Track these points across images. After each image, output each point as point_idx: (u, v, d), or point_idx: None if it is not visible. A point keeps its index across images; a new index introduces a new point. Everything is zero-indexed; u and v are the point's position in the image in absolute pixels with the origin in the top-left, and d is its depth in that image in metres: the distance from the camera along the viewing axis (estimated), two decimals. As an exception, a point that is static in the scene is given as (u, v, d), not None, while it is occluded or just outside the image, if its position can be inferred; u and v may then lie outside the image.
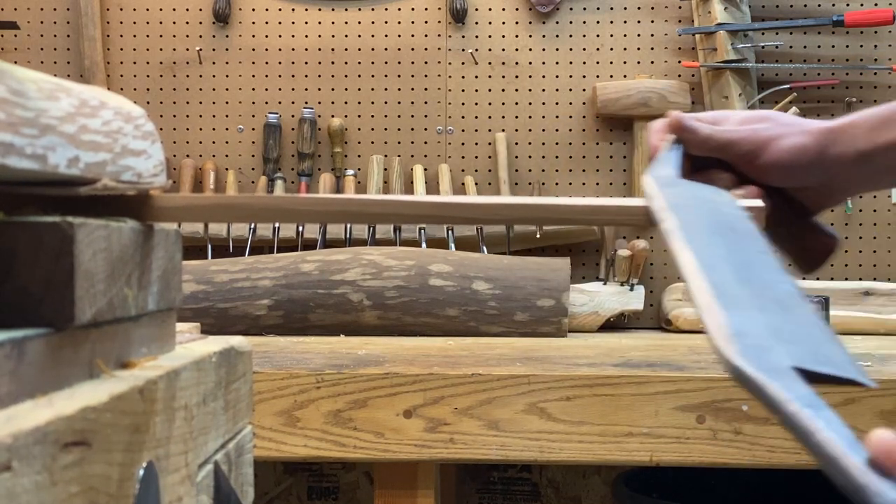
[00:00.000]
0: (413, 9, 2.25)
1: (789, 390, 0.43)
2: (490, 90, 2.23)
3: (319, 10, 2.26)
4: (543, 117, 2.24)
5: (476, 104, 2.24)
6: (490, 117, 2.24)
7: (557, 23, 2.24)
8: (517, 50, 2.24)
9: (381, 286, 1.84)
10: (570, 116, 2.24)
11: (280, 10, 2.26)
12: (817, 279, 2.15)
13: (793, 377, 0.44)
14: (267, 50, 2.26)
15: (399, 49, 2.25)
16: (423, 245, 2.06)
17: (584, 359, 1.49)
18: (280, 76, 2.26)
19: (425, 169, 2.22)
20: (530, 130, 2.24)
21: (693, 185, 0.78)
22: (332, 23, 2.26)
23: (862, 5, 2.21)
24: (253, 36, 2.26)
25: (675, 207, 0.65)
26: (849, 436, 0.42)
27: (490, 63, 2.24)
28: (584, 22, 2.24)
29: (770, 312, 0.51)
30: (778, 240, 0.96)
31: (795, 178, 0.94)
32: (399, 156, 2.23)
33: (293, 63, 2.26)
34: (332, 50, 2.26)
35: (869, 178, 0.95)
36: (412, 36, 2.25)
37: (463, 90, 2.24)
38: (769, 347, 0.46)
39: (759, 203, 0.75)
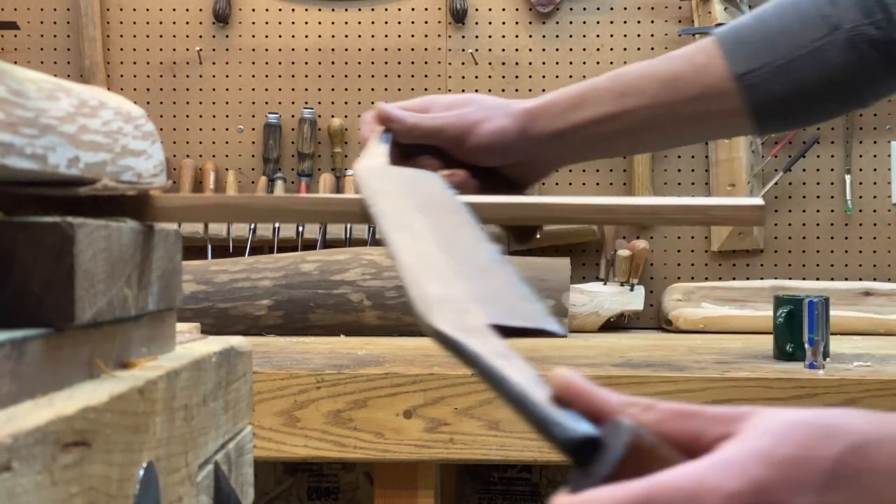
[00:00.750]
0: (413, 9, 2.25)
1: (484, 345, 0.46)
2: (490, 90, 2.23)
3: (319, 10, 2.26)
4: (543, 117, 2.23)
5: (476, 104, 2.24)
6: (490, 117, 2.24)
7: (557, 23, 2.24)
8: (517, 50, 2.24)
9: (381, 286, 1.84)
10: (570, 116, 2.23)
11: (280, 10, 2.26)
12: (817, 279, 2.16)
13: (488, 333, 0.47)
14: (267, 50, 2.26)
15: (399, 49, 2.25)
16: (423, 245, 2.06)
17: (584, 359, 1.49)
18: (280, 76, 2.26)
19: (425, 169, 2.22)
20: (530, 130, 2.23)
21: (402, 171, 0.81)
22: (332, 23, 2.26)
23: (862, 5, 2.21)
24: (253, 36, 2.26)
25: (384, 193, 0.68)
26: (536, 378, 0.45)
27: (490, 63, 2.24)
28: (584, 22, 2.24)
29: (471, 279, 0.54)
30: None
31: (499, 158, 1.00)
32: (399, 156, 2.23)
33: (293, 63, 2.26)
34: (332, 50, 2.26)
35: (566, 153, 1.03)
36: (412, 36, 2.25)
37: (463, 90, 2.24)
38: (468, 310, 0.49)
39: (758, 202, 0.75)
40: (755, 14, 1.03)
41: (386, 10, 2.25)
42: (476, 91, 2.23)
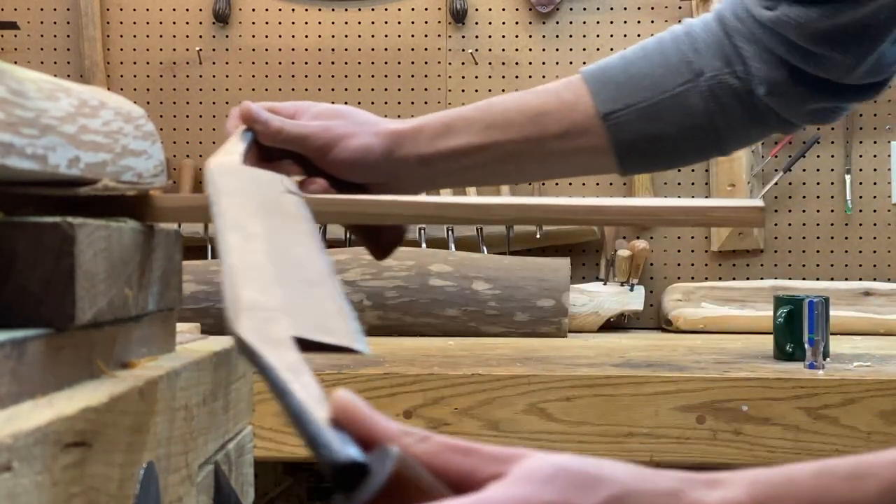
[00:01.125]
0: (413, 9, 2.25)
1: (278, 358, 0.45)
2: (490, 90, 2.23)
3: (319, 10, 2.26)
4: (543, 117, 2.23)
5: (476, 104, 2.23)
6: (490, 117, 2.24)
7: (557, 23, 2.24)
8: (517, 50, 2.24)
9: (381, 286, 1.84)
10: (570, 116, 2.23)
11: (280, 10, 2.26)
12: (817, 279, 2.16)
13: (288, 346, 0.47)
14: (267, 50, 2.26)
15: (399, 49, 2.25)
16: (423, 245, 2.06)
17: (584, 359, 1.49)
18: (280, 76, 2.26)
19: (425, 169, 2.22)
20: (530, 130, 2.23)
21: (254, 172, 0.79)
22: (332, 23, 2.26)
23: (862, 5, 2.21)
24: (253, 36, 2.26)
25: (228, 193, 0.66)
26: (320, 398, 0.45)
27: (490, 63, 2.24)
28: (584, 22, 2.24)
29: (290, 288, 0.53)
30: (352, 229, 1.03)
31: (361, 175, 0.98)
32: (399, 156, 2.23)
33: (293, 63, 2.26)
34: (332, 50, 2.26)
35: (430, 179, 1.02)
36: (412, 36, 2.25)
37: (463, 90, 2.24)
38: (275, 319, 0.49)
39: (758, 203, 0.75)
40: (622, 55, 1.04)
41: (386, 10, 2.25)
42: (476, 91, 2.23)
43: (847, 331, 1.91)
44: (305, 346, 0.48)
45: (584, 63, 2.24)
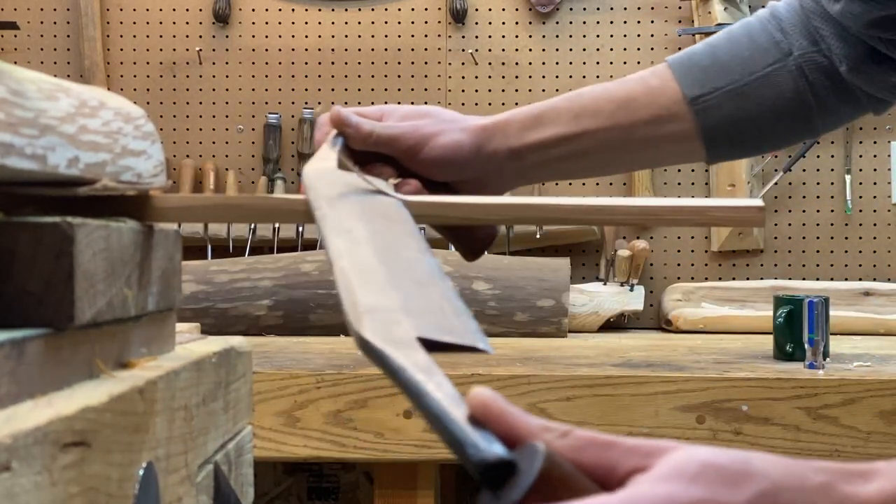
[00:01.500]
0: (413, 9, 2.25)
1: (407, 359, 0.45)
2: (490, 90, 2.23)
3: (319, 10, 2.26)
4: (543, 117, 2.23)
5: (476, 104, 2.24)
6: (490, 117, 2.24)
7: (557, 23, 2.24)
8: (517, 50, 2.24)
9: (381, 286, 1.84)
10: (570, 116, 2.23)
11: (280, 10, 2.26)
12: (817, 279, 2.16)
13: (415, 347, 0.47)
14: (267, 50, 2.26)
15: (399, 49, 2.25)
16: (423, 245, 2.05)
17: (584, 359, 1.49)
18: (280, 76, 2.26)
19: (425, 169, 2.22)
20: (530, 130, 2.23)
21: (350, 176, 0.80)
22: (332, 23, 2.26)
23: (862, 5, 2.21)
24: (253, 36, 2.26)
25: (328, 198, 0.67)
26: (456, 396, 0.44)
27: (490, 63, 2.24)
28: (584, 22, 2.24)
29: (405, 290, 0.53)
30: (443, 229, 1.01)
31: (453, 173, 0.98)
32: (399, 156, 2.23)
33: (293, 63, 2.26)
34: (332, 50, 2.26)
35: (520, 173, 1.02)
36: (412, 36, 2.25)
37: (463, 90, 2.24)
38: (397, 321, 0.49)
39: (758, 203, 0.75)
40: (707, 41, 1.04)
41: (386, 10, 2.25)
42: (476, 91, 2.23)
43: (847, 331, 1.91)
44: (428, 346, 0.47)
45: (584, 63, 2.25)
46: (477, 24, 2.24)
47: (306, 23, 2.26)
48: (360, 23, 2.25)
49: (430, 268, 0.58)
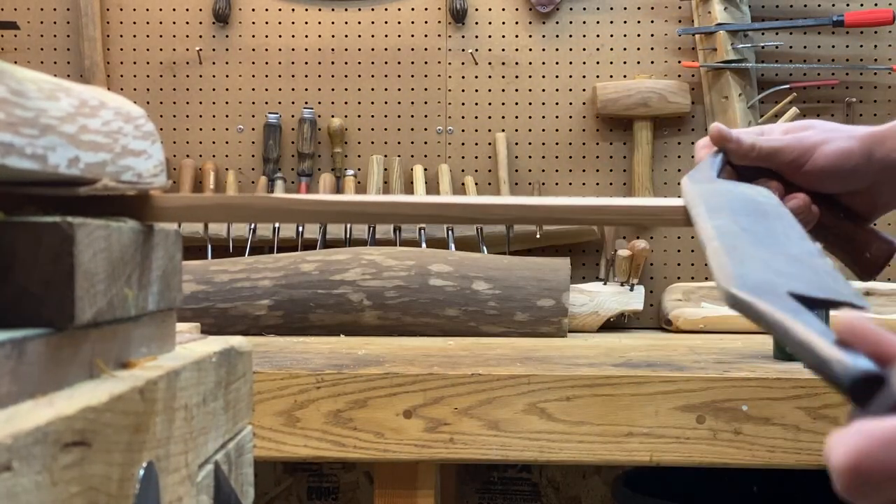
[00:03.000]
0: (413, 9, 2.25)
1: (777, 304, 0.47)
2: (490, 90, 2.23)
3: (319, 10, 2.26)
4: (543, 117, 2.24)
5: (476, 104, 2.24)
6: (490, 117, 2.24)
7: (557, 23, 2.24)
8: (517, 50, 2.24)
9: (381, 286, 1.84)
10: (570, 116, 2.24)
11: (280, 10, 2.26)
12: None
13: (785, 297, 0.49)
14: (267, 50, 2.26)
15: (399, 49, 2.25)
16: (423, 245, 2.06)
17: (584, 359, 1.49)
18: (280, 76, 2.26)
19: (425, 169, 2.22)
20: (530, 130, 2.24)
21: (730, 183, 0.80)
22: (332, 23, 2.26)
23: (862, 5, 2.21)
24: (253, 36, 2.26)
25: (705, 195, 0.69)
26: (824, 330, 0.45)
27: (490, 63, 2.24)
28: (584, 22, 2.24)
29: (778, 263, 0.55)
30: (832, 246, 0.97)
31: (842, 183, 0.93)
32: (399, 156, 2.23)
33: (293, 63, 2.26)
34: (332, 50, 2.26)
35: None
36: (412, 36, 2.25)
37: (463, 90, 2.24)
38: (769, 281, 0.51)
39: None
40: None
41: (386, 10, 2.25)
42: (476, 91, 2.23)
43: (847, 331, 1.91)
44: (801, 301, 0.49)
45: (584, 63, 2.25)
46: (477, 23, 2.24)
47: (306, 23, 2.26)
48: (360, 23, 2.25)
49: (809, 249, 0.59)
